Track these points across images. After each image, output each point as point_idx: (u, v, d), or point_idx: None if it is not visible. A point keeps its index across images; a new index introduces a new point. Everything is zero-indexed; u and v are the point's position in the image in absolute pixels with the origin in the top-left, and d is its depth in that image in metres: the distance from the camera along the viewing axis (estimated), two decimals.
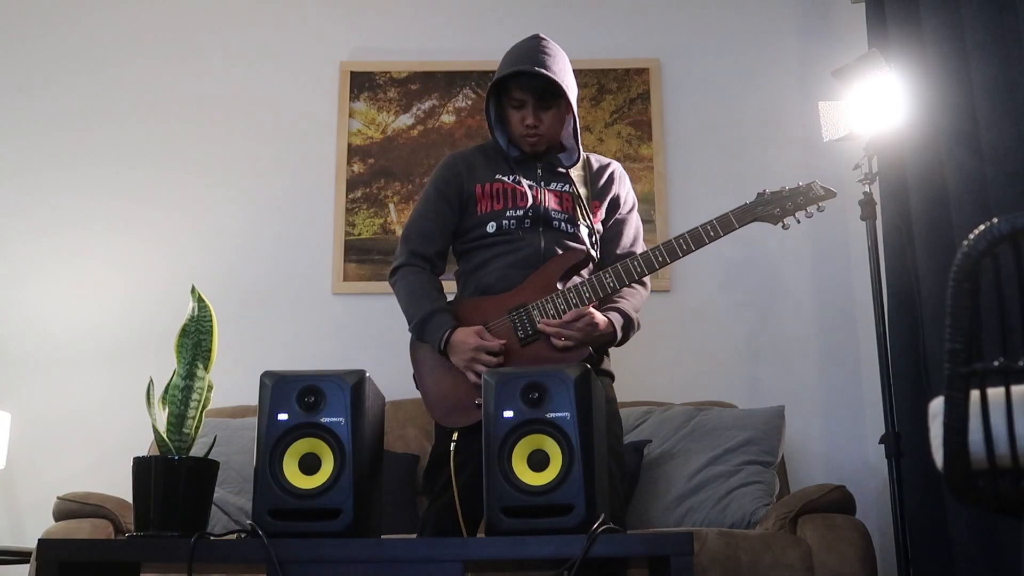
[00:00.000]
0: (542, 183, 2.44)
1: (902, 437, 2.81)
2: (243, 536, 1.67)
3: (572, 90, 2.41)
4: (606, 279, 2.32)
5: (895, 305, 3.07)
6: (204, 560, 1.61)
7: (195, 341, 1.83)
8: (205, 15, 3.90)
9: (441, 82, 3.82)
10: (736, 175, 3.70)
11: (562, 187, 2.45)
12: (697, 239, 2.37)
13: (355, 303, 3.58)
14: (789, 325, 3.57)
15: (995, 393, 1.26)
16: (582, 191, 2.45)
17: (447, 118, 3.78)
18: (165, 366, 1.84)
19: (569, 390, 1.68)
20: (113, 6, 3.90)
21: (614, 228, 2.49)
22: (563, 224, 2.40)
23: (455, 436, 2.18)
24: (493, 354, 2.26)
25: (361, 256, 3.63)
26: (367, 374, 1.75)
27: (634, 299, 2.42)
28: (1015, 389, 1.25)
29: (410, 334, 2.39)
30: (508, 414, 1.68)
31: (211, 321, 1.84)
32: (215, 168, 3.75)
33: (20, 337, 3.56)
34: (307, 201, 3.72)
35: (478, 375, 2.22)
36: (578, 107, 2.47)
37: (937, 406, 1.33)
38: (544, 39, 2.42)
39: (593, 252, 2.42)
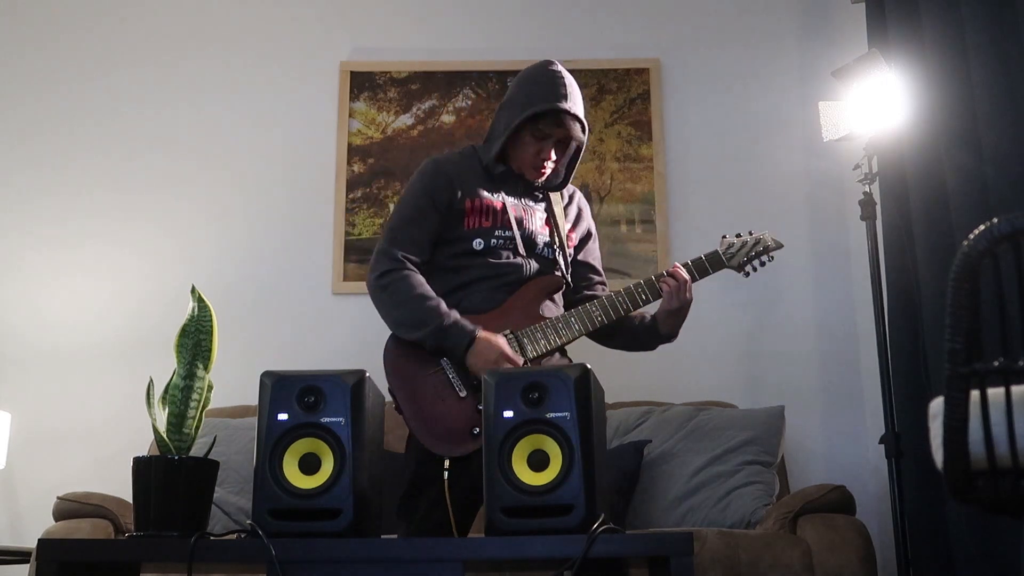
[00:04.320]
0: (524, 198, 2.46)
1: (902, 437, 2.81)
2: (243, 536, 1.67)
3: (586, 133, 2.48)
4: (594, 313, 2.38)
5: (895, 305, 3.07)
6: (204, 560, 1.61)
7: (195, 341, 1.83)
8: (205, 15, 3.90)
9: (441, 82, 3.82)
10: (736, 175, 3.70)
11: (543, 207, 2.48)
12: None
13: (355, 303, 3.58)
14: (789, 325, 3.57)
15: (995, 393, 1.26)
16: (560, 220, 2.48)
17: (447, 118, 3.78)
18: (165, 366, 1.84)
19: (569, 390, 1.67)
20: (112, 6, 3.90)
21: (589, 254, 2.56)
22: (546, 249, 2.44)
23: (447, 464, 2.12)
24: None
25: (361, 256, 3.63)
26: (367, 374, 1.75)
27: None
28: (1015, 389, 1.25)
29: (387, 342, 2.34)
30: (508, 414, 1.68)
31: (211, 321, 1.84)
32: (215, 168, 3.75)
33: (20, 337, 3.56)
34: (307, 201, 3.71)
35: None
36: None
37: (937, 406, 1.33)
38: (564, 73, 2.42)
39: (568, 278, 2.46)
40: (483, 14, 3.90)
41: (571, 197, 2.58)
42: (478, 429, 2.19)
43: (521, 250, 2.39)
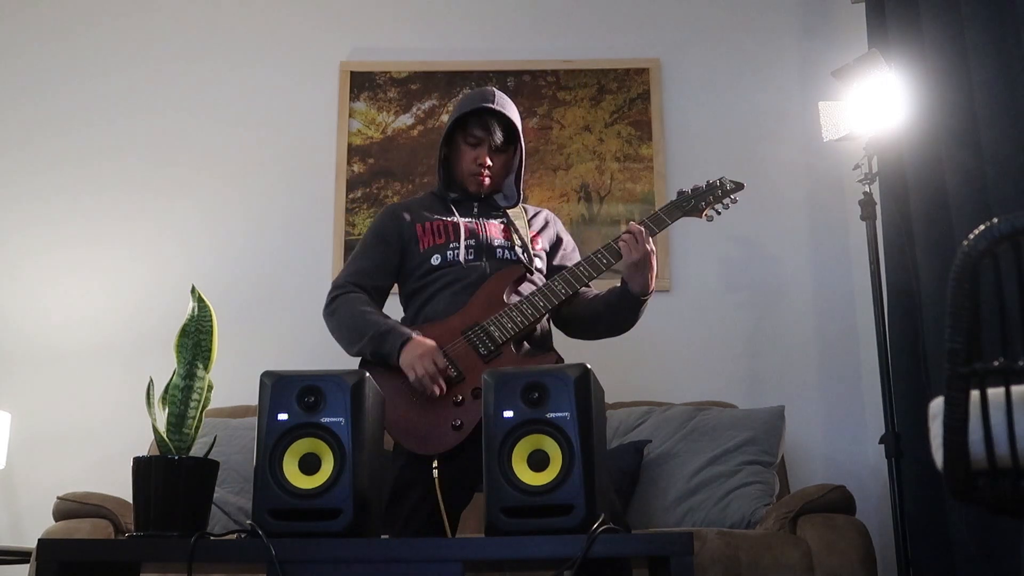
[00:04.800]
0: (480, 217, 2.50)
1: (902, 437, 2.81)
2: (243, 536, 1.66)
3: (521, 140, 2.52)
4: (556, 286, 2.35)
5: (895, 305, 3.07)
6: (204, 560, 1.61)
7: (195, 341, 1.83)
8: (205, 16, 3.90)
9: (441, 82, 3.82)
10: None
11: (500, 220, 2.51)
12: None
13: None
14: (789, 325, 3.57)
15: (995, 393, 1.26)
16: (521, 228, 2.50)
17: (447, 118, 3.78)
18: (165, 366, 1.84)
19: (569, 390, 1.67)
20: (112, 7, 3.90)
21: (566, 260, 2.55)
22: (506, 252, 2.45)
23: (436, 464, 2.11)
24: (442, 373, 2.23)
25: None
26: (367, 374, 1.75)
27: None
28: (1015, 389, 1.25)
29: (356, 358, 2.35)
30: (508, 414, 1.67)
31: (211, 321, 1.84)
32: (215, 168, 3.75)
33: (21, 337, 3.56)
34: (307, 201, 3.72)
35: (423, 380, 2.20)
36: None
37: (937, 406, 1.33)
38: (498, 91, 2.51)
39: (532, 268, 2.44)
40: (483, 14, 3.90)
41: (537, 213, 2.61)
42: (459, 421, 2.20)
43: (480, 255, 2.42)
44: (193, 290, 1.87)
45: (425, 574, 1.58)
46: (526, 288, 2.42)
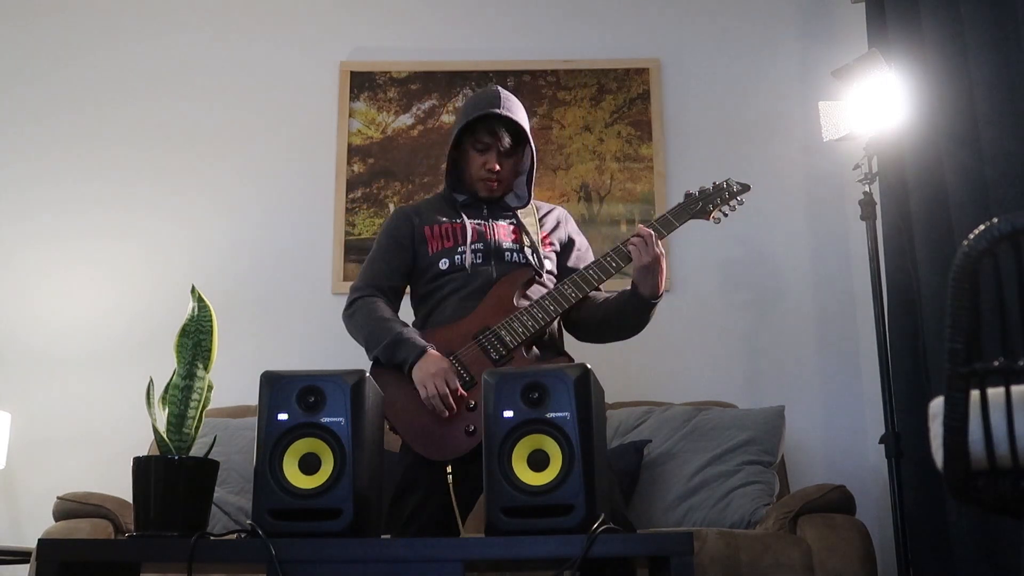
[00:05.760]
0: (489, 219, 2.49)
1: (902, 437, 2.81)
2: (243, 536, 1.67)
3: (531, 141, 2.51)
4: (566, 290, 2.36)
5: (895, 305, 3.07)
6: (204, 560, 1.61)
7: (195, 341, 1.83)
8: (205, 15, 3.90)
9: (441, 82, 3.82)
10: (736, 175, 3.67)
11: (510, 221, 2.50)
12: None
13: None
14: (789, 325, 3.57)
15: (995, 393, 1.26)
16: (531, 228, 2.49)
17: (447, 118, 3.78)
18: (165, 366, 1.84)
19: (569, 390, 1.67)
20: (112, 7, 3.90)
21: (580, 261, 2.54)
22: (515, 255, 2.44)
23: (449, 469, 2.13)
24: (453, 394, 2.23)
25: (361, 256, 3.63)
26: (367, 374, 1.75)
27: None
28: (1015, 389, 1.25)
29: (371, 361, 2.36)
30: (508, 414, 1.67)
31: (211, 321, 1.84)
32: (215, 168, 3.75)
33: (20, 337, 3.56)
34: (307, 201, 3.72)
35: (432, 400, 2.22)
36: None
37: (937, 406, 1.33)
38: (505, 92, 2.50)
39: (542, 270, 2.44)
40: (483, 14, 3.90)
41: (549, 212, 2.60)
42: (472, 426, 2.21)
43: (488, 259, 2.42)
44: (193, 290, 1.87)
45: (425, 574, 1.58)
46: (535, 291, 2.42)
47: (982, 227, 1.22)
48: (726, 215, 2.57)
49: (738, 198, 2.58)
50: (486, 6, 3.91)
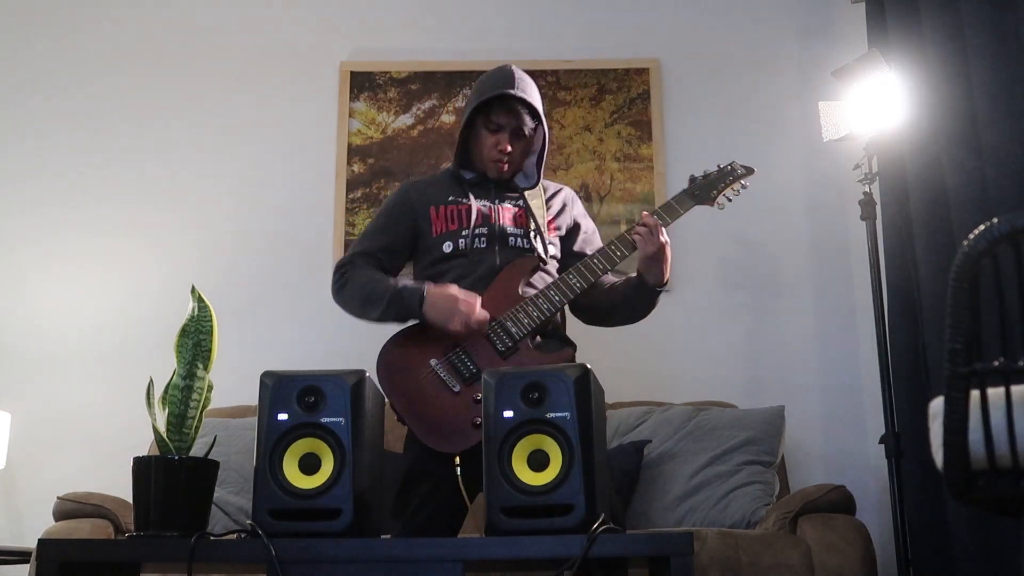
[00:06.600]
0: (496, 200, 2.47)
1: (902, 437, 2.81)
2: (243, 536, 1.67)
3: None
4: (572, 280, 2.35)
5: (895, 305, 3.07)
6: (204, 560, 1.61)
7: (195, 341, 1.83)
8: (205, 16, 3.90)
9: (441, 82, 3.82)
10: None
11: (516, 203, 2.49)
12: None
13: None
14: (789, 325, 3.57)
15: (995, 393, 1.26)
16: (537, 211, 2.48)
17: (447, 118, 3.78)
18: (165, 366, 1.84)
19: (569, 390, 1.67)
20: (109, 8, 3.90)
21: (586, 245, 2.54)
22: (519, 240, 2.44)
23: (458, 461, 2.12)
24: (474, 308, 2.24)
25: None
26: (367, 374, 1.75)
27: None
28: (1015, 389, 1.25)
29: (377, 360, 2.34)
30: (508, 414, 1.68)
31: (211, 321, 1.84)
32: (215, 168, 3.75)
33: (20, 337, 3.56)
34: (307, 201, 3.72)
35: (463, 323, 2.23)
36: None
37: (937, 406, 1.33)
38: (519, 71, 2.47)
39: (546, 257, 2.43)
40: (483, 14, 3.90)
41: (556, 193, 2.59)
42: (480, 419, 2.21)
43: (492, 243, 2.41)
44: (193, 290, 1.87)
45: (425, 574, 1.58)
46: (539, 279, 2.41)
47: (982, 227, 1.23)
48: (730, 200, 2.57)
49: (742, 182, 2.58)
50: (486, 6, 3.91)
